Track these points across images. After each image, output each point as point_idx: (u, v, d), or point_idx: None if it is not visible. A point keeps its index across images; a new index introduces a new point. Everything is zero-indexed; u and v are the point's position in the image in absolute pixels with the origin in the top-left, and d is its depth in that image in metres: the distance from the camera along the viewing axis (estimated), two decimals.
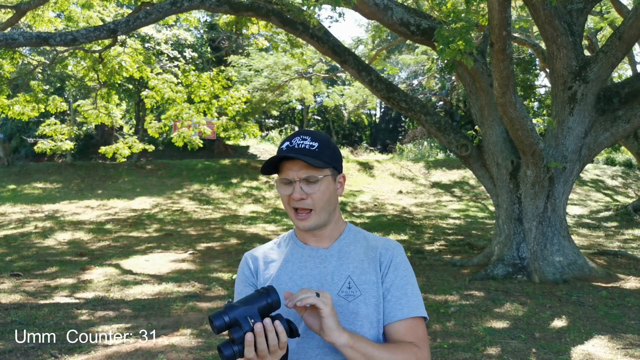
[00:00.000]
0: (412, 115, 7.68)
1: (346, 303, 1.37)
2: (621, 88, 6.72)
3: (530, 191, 6.69)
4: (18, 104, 10.20)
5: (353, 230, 1.51)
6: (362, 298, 1.37)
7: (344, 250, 1.45)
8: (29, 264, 7.43)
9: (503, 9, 5.14)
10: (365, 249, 1.46)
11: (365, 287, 1.39)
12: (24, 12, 8.20)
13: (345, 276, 1.40)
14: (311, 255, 1.45)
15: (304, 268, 1.44)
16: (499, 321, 4.91)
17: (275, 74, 14.32)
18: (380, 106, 32.05)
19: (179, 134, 11.90)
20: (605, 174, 19.24)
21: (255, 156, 22.49)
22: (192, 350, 4.08)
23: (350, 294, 1.38)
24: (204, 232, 10.65)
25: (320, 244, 1.46)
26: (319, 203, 1.39)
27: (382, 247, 1.45)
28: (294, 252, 1.47)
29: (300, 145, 1.39)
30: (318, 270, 1.42)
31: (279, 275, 1.44)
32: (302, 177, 1.37)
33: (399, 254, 1.46)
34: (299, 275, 1.43)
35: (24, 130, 20.18)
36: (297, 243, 1.49)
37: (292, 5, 6.77)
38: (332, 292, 1.37)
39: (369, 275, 1.41)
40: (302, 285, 1.41)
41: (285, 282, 1.42)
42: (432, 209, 14.66)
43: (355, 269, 1.41)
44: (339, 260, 1.43)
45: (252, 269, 1.48)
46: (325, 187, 1.40)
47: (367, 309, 1.37)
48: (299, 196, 1.37)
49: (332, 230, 1.47)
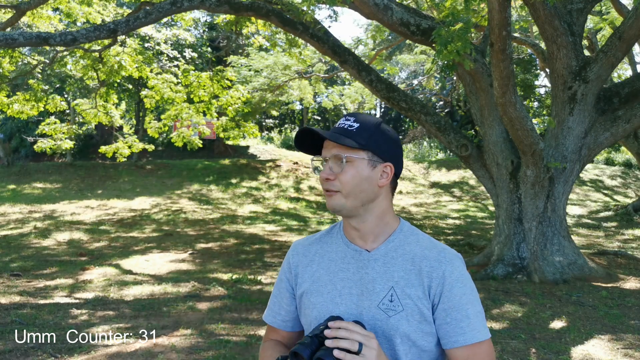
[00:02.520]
0: (412, 115, 7.68)
1: (386, 317, 1.25)
2: (621, 88, 6.72)
3: (530, 191, 6.69)
4: (17, 102, 10.20)
5: (406, 230, 1.36)
6: (404, 314, 1.25)
7: (390, 254, 1.31)
8: (29, 264, 7.42)
9: (503, 9, 5.14)
10: (414, 256, 1.31)
11: (407, 302, 1.25)
12: (24, 12, 8.19)
13: (389, 287, 1.27)
14: (354, 256, 1.33)
15: (345, 271, 1.32)
16: (499, 321, 4.91)
17: (274, 74, 14.32)
18: (380, 106, 32.05)
19: (178, 133, 11.90)
20: (605, 174, 19.24)
21: (255, 156, 22.48)
22: (192, 350, 4.08)
23: (392, 308, 1.25)
24: (204, 232, 10.64)
25: (365, 244, 1.33)
26: (346, 186, 1.27)
27: (434, 259, 1.29)
28: (338, 249, 1.37)
29: (340, 125, 1.32)
30: (359, 275, 1.30)
31: (320, 274, 1.35)
32: (331, 155, 1.29)
33: (455, 268, 1.29)
34: (339, 278, 1.32)
35: (24, 130, 20.18)
36: (343, 239, 1.37)
37: (292, 5, 6.77)
38: (372, 302, 1.27)
39: (415, 289, 1.27)
40: (341, 290, 1.31)
41: (325, 283, 1.33)
42: (431, 209, 14.66)
43: (400, 280, 1.28)
44: (383, 266, 1.30)
45: (292, 265, 1.42)
46: (356, 171, 1.27)
47: (408, 327, 1.24)
48: (325, 175, 1.29)
49: (377, 227, 1.33)
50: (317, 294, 1.33)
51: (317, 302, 1.32)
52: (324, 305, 1.31)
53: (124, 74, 10.68)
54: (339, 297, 1.30)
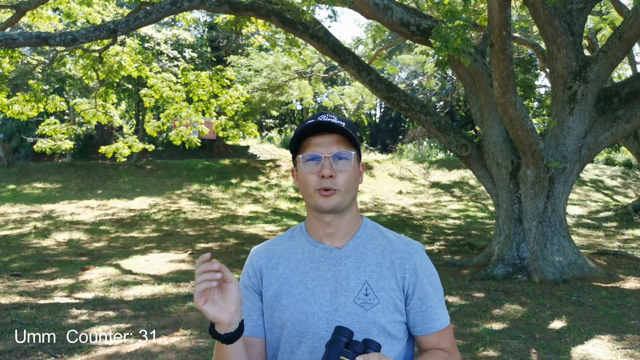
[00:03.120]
0: (412, 115, 7.68)
1: (363, 312, 1.26)
2: (621, 88, 6.72)
3: (530, 191, 6.69)
4: (17, 103, 10.19)
5: (369, 226, 1.39)
6: (380, 307, 1.28)
7: (359, 250, 1.33)
8: (29, 264, 7.42)
9: (503, 9, 5.14)
10: (383, 249, 1.34)
11: (382, 295, 1.28)
12: (24, 12, 8.19)
13: (362, 281, 1.29)
14: (324, 255, 1.33)
15: (316, 270, 1.32)
16: (499, 321, 4.91)
17: (274, 74, 14.31)
18: (380, 106, 32.06)
19: (177, 132, 11.89)
20: (605, 174, 19.24)
21: (255, 156, 22.48)
22: (192, 351, 4.08)
23: (368, 301, 1.27)
24: (204, 232, 10.64)
25: (334, 241, 1.34)
26: (345, 184, 1.28)
27: (404, 251, 1.34)
28: (305, 250, 1.35)
29: (327, 120, 1.28)
30: (331, 273, 1.31)
31: (289, 276, 1.33)
32: (333, 153, 1.27)
33: (424, 258, 1.35)
34: (310, 277, 1.31)
35: (24, 131, 20.18)
36: (309, 240, 1.36)
37: (292, 5, 6.77)
38: (348, 298, 1.28)
39: (388, 281, 1.30)
40: (313, 289, 1.30)
41: (295, 284, 1.32)
42: (431, 209, 14.66)
43: (372, 273, 1.30)
44: (355, 262, 1.31)
45: (256, 269, 1.37)
46: (353, 169, 1.30)
47: (384, 319, 1.27)
48: (329, 172, 1.26)
49: (350, 224, 1.35)
50: (288, 296, 1.31)
51: (288, 303, 1.30)
52: (296, 306, 1.29)
53: (124, 74, 10.68)
54: (312, 296, 1.29)
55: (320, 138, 1.29)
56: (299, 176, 1.33)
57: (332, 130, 1.30)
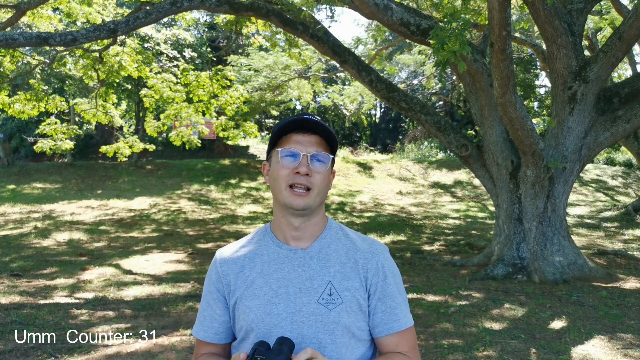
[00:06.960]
0: (412, 115, 7.68)
1: (327, 311, 1.27)
2: (621, 88, 6.72)
3: (530, 191, 6.69)
4: (18, 102, 10.20)
5: (334, 227, 1.40)
6: (344, 306, 1.28)
7: (324, 251, 1.34)
8: (29, 264, 7.42)
9: (503, 9, 5.14)
10: (347, 250, 1.35)
11: (346, 295, 1.29)
12: (24, 12, 8.19)
13: (326, 281, 1.30)
14: (288, 256, 1.33)
15: (280, 270, 1.32)
16: (499, 321, 4.91)
17: (274, 74, 14.32)
18: (380, 106, 32.06)
19: (177, 133, 11.90)
20: (606, 174, 19.24)
21: (255, 156, 22.49)
22: (192, 351, 4.07)
23: (331, 301, 1.28)
24: (203, 232, 10.65)
25: (299, 243, 1.34)
26: (320, 185, 1.30)
27: (367, 251, 1.35)
28: (269, 251, 1.35)
29: (315, 120, 1.31)
30: (295, 274, 1.31)
31: (254, 278, 1.33)
32: (311, 153, 1.29)
33: (387, 258, 1.36)
34: (274, 278, 1.31)
35: (24, 130, 20.18)
36: (274, 241, 1.36)
37: (292, 5, 6.77)
38: (312, 298, 1.28)
39: (352, 281, 1.31)
40: (277, 289, 1.30)
41: (260, 285, 1.31)
42: (431, 209, 14.66)
43: (336, 274, 1.31)
44: (319, 262, 1.32)
45: (221, 274, 1.36)
46: (328, 172, 1.33)
47: (348, 319, 1.28)
48: (306, 170, 1.27)
49: (315, 227, 1.35)
50: (253, 297, 1.31)
51: (252, 305, 1.30)
52: (260, 307, 1.29)
53: (124, 74, 10.68)
54: (276, 297, 1.30)
55: (301, 136, 1.31)
56: (272, 170, 1.34)
57: (314, 130, 1.31)
